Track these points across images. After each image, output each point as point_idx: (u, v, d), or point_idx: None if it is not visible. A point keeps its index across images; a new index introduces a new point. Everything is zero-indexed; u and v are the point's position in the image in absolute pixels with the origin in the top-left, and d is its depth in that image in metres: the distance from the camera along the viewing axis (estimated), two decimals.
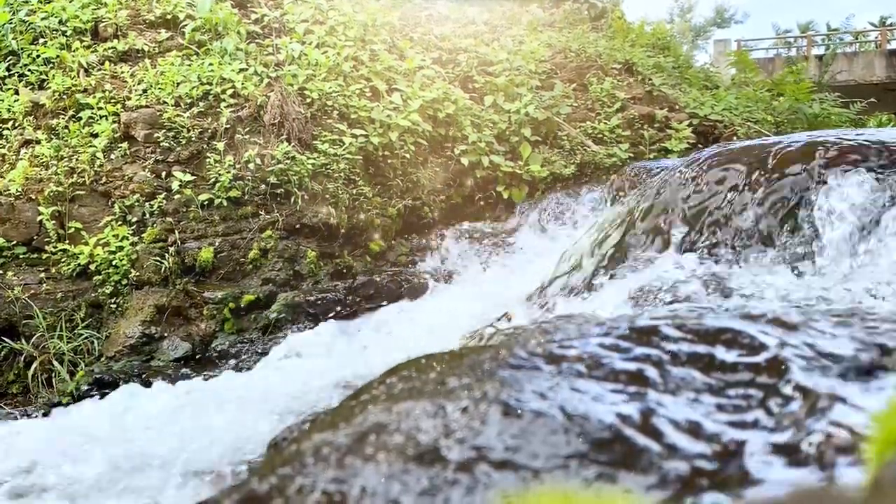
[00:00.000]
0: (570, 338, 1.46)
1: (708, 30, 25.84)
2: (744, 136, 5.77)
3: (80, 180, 4.29)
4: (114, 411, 3.00)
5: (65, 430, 2.81)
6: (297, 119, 4.68)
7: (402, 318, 4.06)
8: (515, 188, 5.39)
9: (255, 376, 3.53)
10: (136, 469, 2.28)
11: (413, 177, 5.10)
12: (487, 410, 1.17)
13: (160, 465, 2.29)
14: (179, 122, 4.47)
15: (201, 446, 2.37)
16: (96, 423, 2.85)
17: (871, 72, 18.72)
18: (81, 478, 2.27)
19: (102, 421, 2.89)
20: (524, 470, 1.06)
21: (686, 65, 8.06)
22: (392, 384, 1.40)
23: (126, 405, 3.05)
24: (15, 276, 4.01)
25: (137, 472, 2.26)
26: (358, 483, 1.05)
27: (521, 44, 6.52)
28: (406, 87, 5.34)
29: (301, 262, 4.39)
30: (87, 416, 3.07)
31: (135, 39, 5.04)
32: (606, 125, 5.83)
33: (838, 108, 7.38)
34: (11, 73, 4.86)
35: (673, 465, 1.07)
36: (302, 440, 1.24)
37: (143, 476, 2.26)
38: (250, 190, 4.38)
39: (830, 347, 1.37)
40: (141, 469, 2.30)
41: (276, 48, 5.24)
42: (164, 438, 2.49)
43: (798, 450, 1.09)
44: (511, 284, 4.02)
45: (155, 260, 4.10)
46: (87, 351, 3.91)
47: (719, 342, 1.38)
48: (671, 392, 1.25)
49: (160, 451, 2.37)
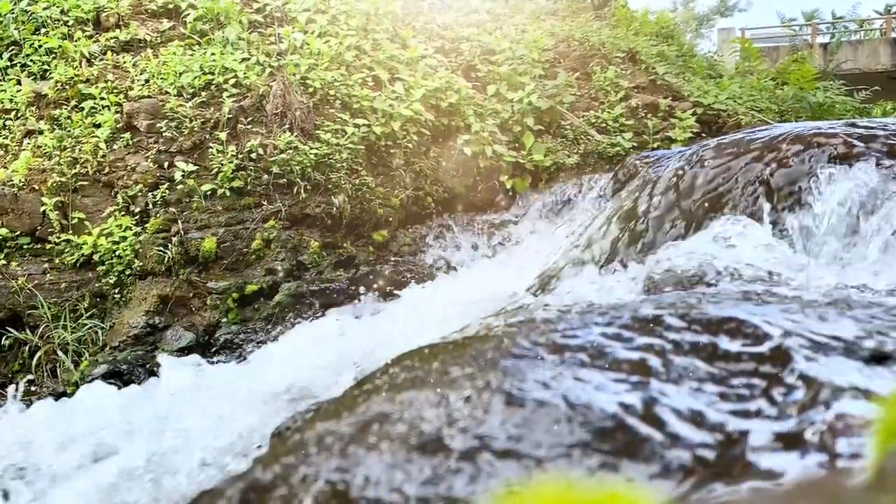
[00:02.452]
0: (572, 327, 1.46)
1: (712, 18, 25.69)
2: (748, 124, 5.75)
3: (83, 171, 4.29)
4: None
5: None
6: (300, 109, 4.67)
7: (405, 308, 4.05)
8: (518, 178, 5.38)
9: (258, 366, 3.54)
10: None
11: (416, 167, 5.09)
12: (490, 400, 1.17)
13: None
14: (182, 113, 4.47)
15: (205, 437, 2.37)
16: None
17: (875, 60, 18.60)
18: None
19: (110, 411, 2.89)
20: (527, 459, 1.06)
21: (690, 53, 8.01)
22: (395, 374, 1.40)
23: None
24: (19, 267, 4.02)
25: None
26: (361, 472, 1.05)
27: (523, 32, 6.49)
28: (408, 76, 5.32)
29: (304, 253, 4.39)
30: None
31: (137, 29, 5.03)
32: (610, 114, 5.81)
33: (843, 96, 7.34)
34: (14, 63, 4.85)
35: (676, 454, 1.07)
36: (305, 429, 1.25)
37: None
38: (253, 180, 4.38)
39: (835, 336, 1.37)
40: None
41: (278, 38, 5.22)
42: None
43: (801, 439, 1.09)
44: (514, 274, 4.01)
45: (158, 250, 4.11)
46: (91, 341, 3.92)
47: (722, 331, 1.38)
48: (674, 381, 1.25)
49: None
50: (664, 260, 2.48)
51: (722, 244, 2.52)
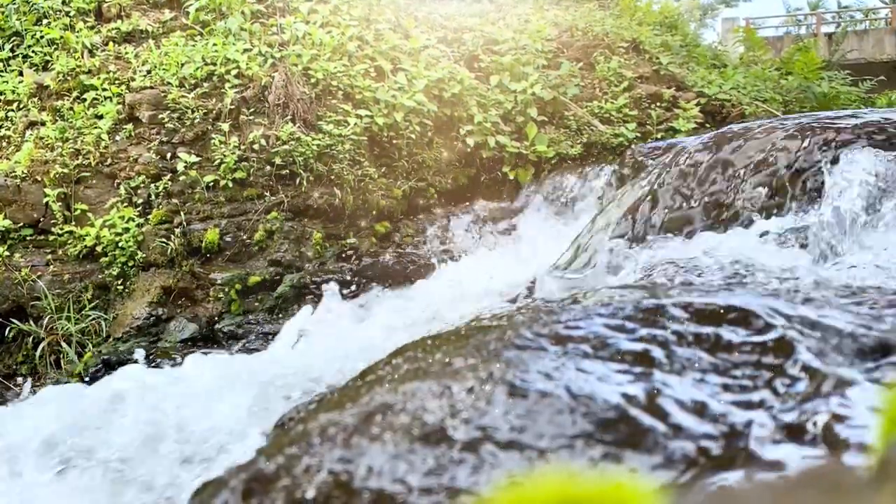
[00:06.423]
0: (575, 318, 1.46)
1: (716, 7, 25.56)
2: (752, 115, 5.72)
3: (86, 162, 4.29)
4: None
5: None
6: (302, 100, 4.66)
7: (408, 299, 4.06)
8: (521, 169, 5.37)
9: (261, 356, 3.55)
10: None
11: (418, 158, 5.08)
12: (493, 391, 1.18)
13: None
14: (184, 103, 4.46)
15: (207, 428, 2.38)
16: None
17: (881, 49, 18.50)
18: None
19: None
20: (530, 450, 1.06)
21: (693, 43, 7.97)
22: (398, 365, 1.40)
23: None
24: (22, 258, 4.03)
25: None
26: (364, 462, 1.06)
27: (526, 22, 6.46)
28: (411, 66, 5.30)
29: (307, 244, 4.39)
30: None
31: (138, 20, 5.01)
32: (613, 105, 5.78)
33: (848, 86, 7.30)
34: (16, 54, 4.85)
35: (679, 444, 1.07)
36: (308, 420, 1.25)
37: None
38: (255, 171, 4.38)
39: (838, 327, 1.37)
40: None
41: (280, 28, 5.21)
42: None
43: (804, 430, 1.09)
44: (517, 265, 4.01)
45: (161, 241, 4.11)
46: (94, 332, 3.94)
47: (726, 322, 1.38)
48: (677, 372, 1.25)
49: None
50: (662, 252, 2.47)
51: (732, 235, 2.52)
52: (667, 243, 2.77)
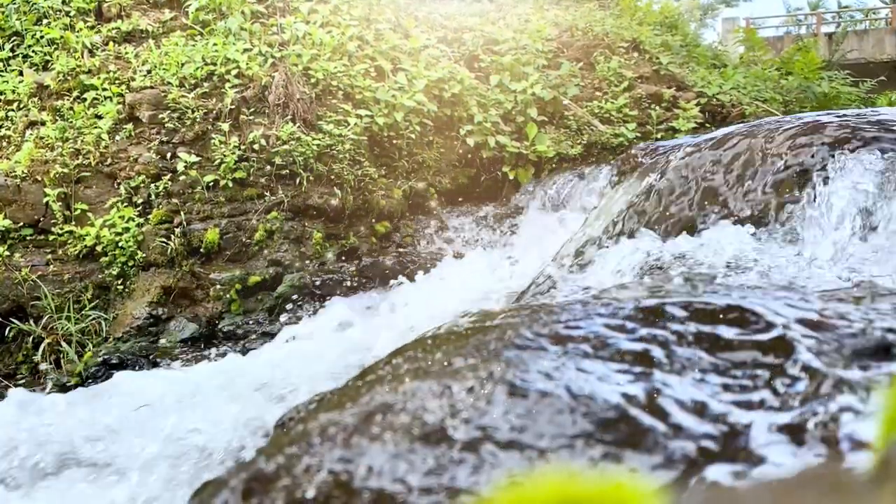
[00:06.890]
0: (575, 318, 1.46)
1: (716, 7, 25.55)
2: (752, 115, 5.72)
3: (86, 162, 4.29)
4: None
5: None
6: (302, 99, 4.66)
7: (408, 299, 4.06)
8: (521, 169, 5.36)
9: (261, 356, 3.55)
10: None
11: (418, 158, 5.08)
12: (493, 390, 1.18)
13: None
14: (184, 103, 4.46)
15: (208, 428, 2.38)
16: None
17: (881, 49, 18.50)
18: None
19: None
20: (530, 450, 1.06)
21: (694, 43, 7.96)
22: (398, 364, 1.40)
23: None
24: (22, 258, 4.02)
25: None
26: (364, 462, 1.06)
27: (527, 22, 6.46)
28: (411, 66, 5.30)
29: (307, 244, 4.39)
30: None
31: (138, 20, 5.01)
32: (613, 104, 5.78)
33: (848, 86, 7.29)
34: (16, 54, 4.85)
35: (679, 444, 1.07)
36: (308, 420, 1.25)
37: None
38: (255, 171, 4.38)
39: (838, 326, 1.37)
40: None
41: (280, 28, 5.21)
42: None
43: (804, 430, 1.09)
44: (517, 264, 4.01)
45: (161, 241, 4.11)
46: (94, 332, 3.93)
47: (725, 322, 1.38)
48: (677, 372, 1.25)
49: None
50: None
51: (728, 236, 2.52)
52: (664, 241, 2.77)
